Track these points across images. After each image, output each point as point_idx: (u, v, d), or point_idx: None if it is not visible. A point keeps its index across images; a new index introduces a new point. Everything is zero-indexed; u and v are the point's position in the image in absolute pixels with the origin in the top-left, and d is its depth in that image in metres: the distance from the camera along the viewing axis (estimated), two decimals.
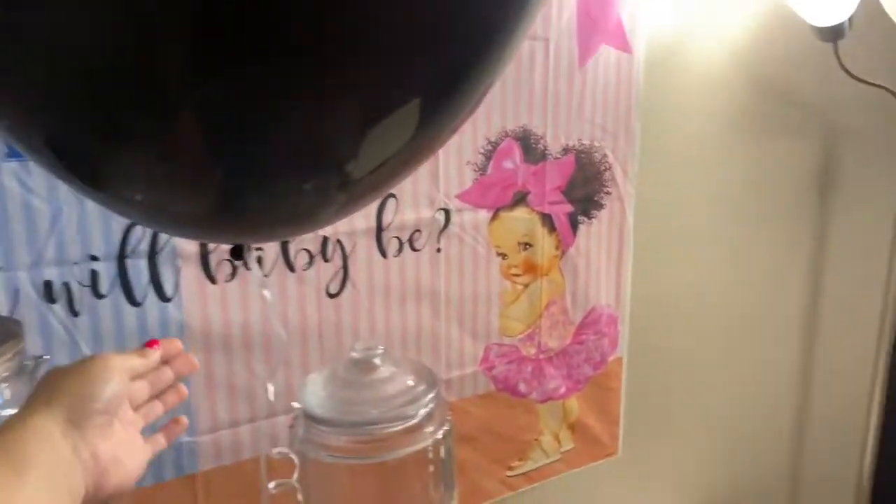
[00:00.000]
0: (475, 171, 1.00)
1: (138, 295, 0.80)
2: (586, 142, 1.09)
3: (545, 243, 1.09)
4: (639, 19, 1.09)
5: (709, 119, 1.23)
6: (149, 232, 0.79)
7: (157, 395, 0.60)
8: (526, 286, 1.09)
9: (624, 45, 1.09)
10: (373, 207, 0.93)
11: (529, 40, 1.00)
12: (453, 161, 0.98)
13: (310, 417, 0.75)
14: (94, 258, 0.77)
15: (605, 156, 1.12)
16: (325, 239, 0.90)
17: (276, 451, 0.69)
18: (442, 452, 0.79)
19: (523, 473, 1.17)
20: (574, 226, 1.12)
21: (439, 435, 0.77)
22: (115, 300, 0.79)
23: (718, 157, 1.26)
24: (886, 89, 1.27)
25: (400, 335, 0.99)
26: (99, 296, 0.78)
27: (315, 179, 0.51)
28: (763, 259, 1.40)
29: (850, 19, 1.13)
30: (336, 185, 0.53)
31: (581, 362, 1.19)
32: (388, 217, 0.94)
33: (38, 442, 0.46)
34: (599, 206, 1.14)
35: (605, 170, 1.13)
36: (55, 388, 0.50)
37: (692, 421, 1.38)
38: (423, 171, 0.96)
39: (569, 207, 1.10)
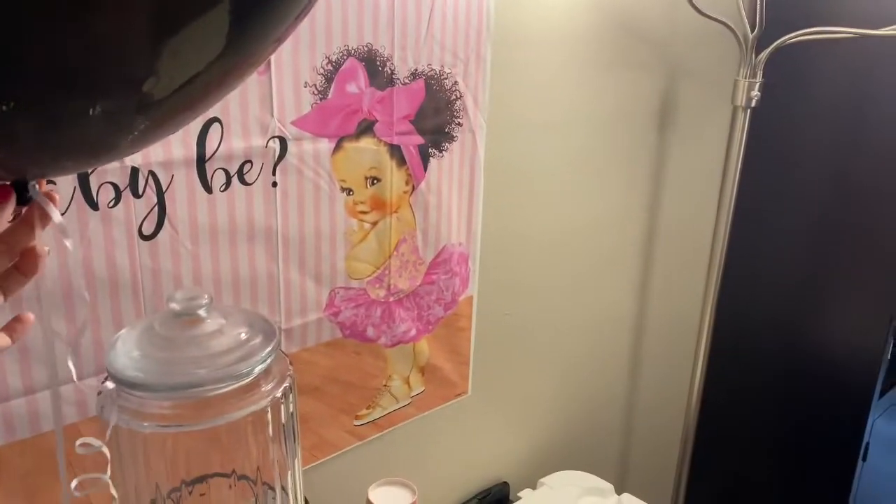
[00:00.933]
0: (314, 94, 0.89)
1: None
2: (436, 67, 1.01)
3: (394, 178, 1.01)
4: None
5: (558, 50, 1.19)
6: None
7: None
8: (374, 224, 1.01)
9: None
10: (192, 133, 0.79)
11: None
12: (288, 81, 0.86)
13: (121, 382, 0.63)
14: None
15: (455, 83, 1.04)
16: (135, 170, 0.76)
17: (79, 443, 0.57)
18: (282, 413, 0.70)
19: (372, 421, 1.11)
20: (425, 159, 1.04)
21: (278, 393, 0.68)
22: None
23: (566, 89, 1.23)
24: (726, 24, 1.29)
25: (231, 282, 0.88)
26: None
27: (104, 101, 0.39)
28: (608, 193, 1.40)
29: None
30: (132, 107, 0.42)
31: (432, 303, 1.13)
32: (211, 145, 0.81)
33: None
34: (451, 139, 1.07)
35: (457, 99, 1.05)
36: None
37: (538, 357, 1.38)
38: (252, 91, 0.83)
39: (419, 139, 1.02)
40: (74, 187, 0.72)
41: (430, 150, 1.04)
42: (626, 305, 1.57)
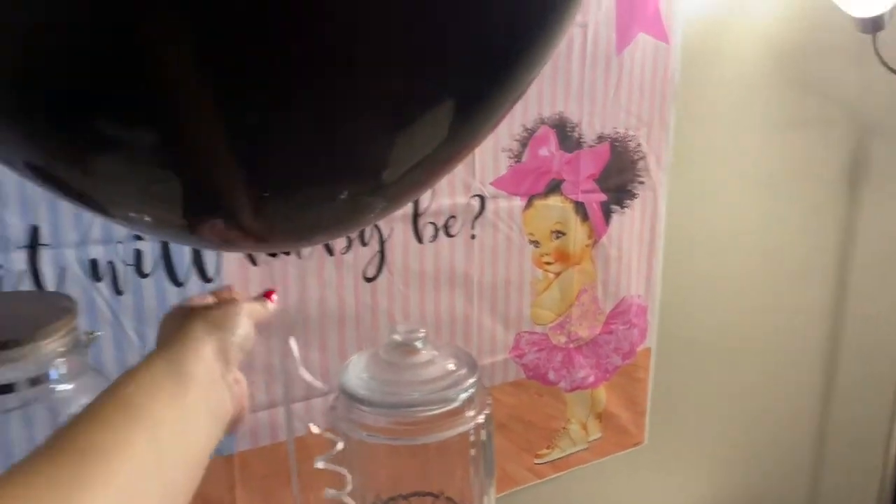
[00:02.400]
0: (510, 158, 1.00)
1: (181, 275, 0.80)
2: (621, 130, 1.09)
3: (578, 232, 1.09)
4: (676, 8, 1.09)
5: (743, 110, 1.23)
6: None
7: None
8: (557, 275, 1.09)
9: (661, 34, 1.09)
10: None
11: None
12: (489, 148, 0.98)
13: (351, 398, 0.75)
14: (138, 238, 0.77)
15: (639, 145, 1.12)
16: None
17: (312, 425, 0.70)
18: (483, 437, 0.79)
19: (550, 462, 1.17)
20: (607, 215, 1.12)
21: (480, 419, 0.77)
22: (158, 280, 0.79)
23: (751, 148, 1.26)
24: None
25: (433, 320, 0.99)
26: (142, 275, 0.78)
27: (349, 188, 0.49)
28: (792, 251, 1.39)
29: (891, 10, 1.12)
30: (370, 191, 0.51)
31: (610, 352, 1.19)
32: (424, 203, 0.94)
33: (196, 361, 0.49)
34: (632, 196, 1.13)
35: (639, 159, 1.12)
36: (197, 322, 0.53)
37: (718, 411, 1.38)
38: None
39: (602, 196, 1.10)
40: None
41: (612, 206, 1.12)
42: (815, 365, 1.52)
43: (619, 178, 1.11)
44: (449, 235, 0.98)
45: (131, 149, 0.41)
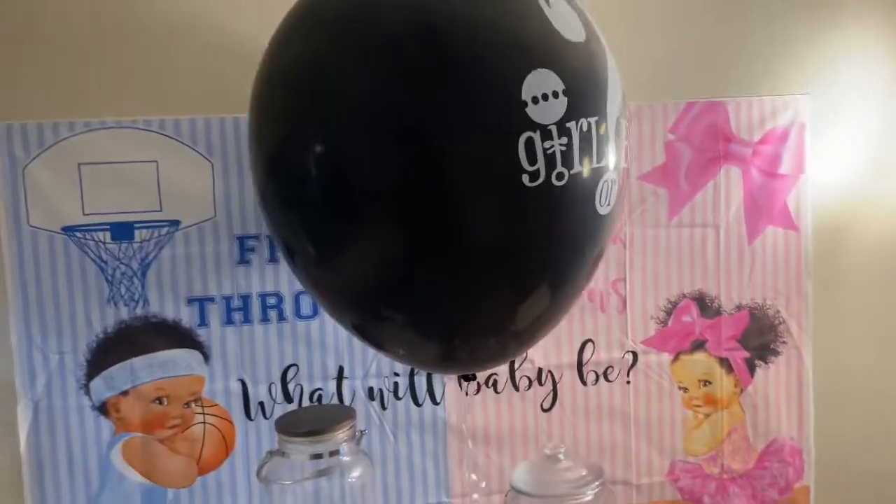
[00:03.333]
0: (657, 323, 1.34)
1: (420, 398, 1.28)
2: (759, 301, 1.36)
3: (724, 382, 1.36)
4: (805, 202, 1.36)
5: (882, 277, 1.40)
6: None
7: None
8: (707, 416, 1.37)
9: (790, 225, 1.36)
10: (574, 349, 1.31)
11: (701, 227, 1.33)
12: (639, 317, 1.33)
13: (517, 491, 1.13)
14: (395, 374, 1.27)
15: (777, 312, 1.37)
16: (540, 370, 1.31)
17: None
18: None
19: None
20: (751, 368, 1.37)
21: None
22: (406, 401, 1.27)
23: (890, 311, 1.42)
24: None
25: (597, 445, 1.33)
26: (398, 398, 1.27)
27: (497, 336, 0.93)
28: None
29: None
30: (510, 337, 0.95)
31: (766, 486, 1.39)
32: (587, 356, 1.32)
33: None
34: (776, 353, 1.37)
35: (780, 324, 1.37)
36: None
37: None
38: (614, 323, 1.32)
39: (745, 353, 1.36)
40: (507, 378, 1.30)
41: (756, 361, 1.37)
42: None
43: (760, 338, 1.37)
44: (608, 381, 1.33)
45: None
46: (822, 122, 1.36)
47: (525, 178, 0.78)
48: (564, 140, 0.79)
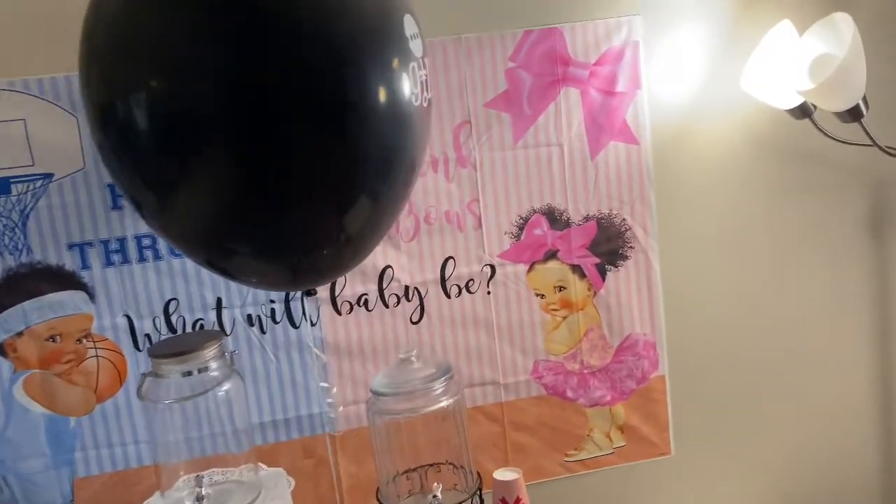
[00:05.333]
0: (512, 238, 1.46)
1: (297, 321, 1.41)
2: (605, 211, 1.49)
3: (577, 286, 1.50)
4: (643, 116, 1.47)
5: (722, 181, 1.53)
6: None
7: None
8: (564, 318, 1.51)
9: (630, 139, 1.48)
10: (437, 265, 1.44)
11: (545, 147, 1.45)
12: (494, 232, 1.45)
13: (376, 393, 1.27)
14: (272, 301, 1.39)
15: (623, 220, 1.50)
16: (407, 287, 1.44)
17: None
18: (455, 415, 1.26)
19: (580, 460, 1.55)
20: (602, 272, 1.51)
21: (449, 402, 1.24)
22: (284, 325, 1.40)
23: (736, 210, 1.55)
24: None
25: (464, 351, 1.47)
26: (275, 322, 1.40)
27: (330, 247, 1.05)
28: (808, 288, 1.61)
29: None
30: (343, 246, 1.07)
31: (623, 377, 1.54)
32: (449, 271, 1.45)
33: None
34: (624, 258, 1.51)
35: (626, 230, 1.50)
36: None
37: (745, 429, 1.62)
38: (471, 241, 1.45)
39: (595, 259, 1.50)
40: (377, 296, 1.43)
41: (606, 266, 1.50)
42: (862, 378, 1.67)
43: (608, 245, 1.50)
44: (470, 292, 1.46)
45: None
46: (655, 40, 1.47)
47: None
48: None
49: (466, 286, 1.46)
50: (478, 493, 1.27)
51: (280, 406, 1.42)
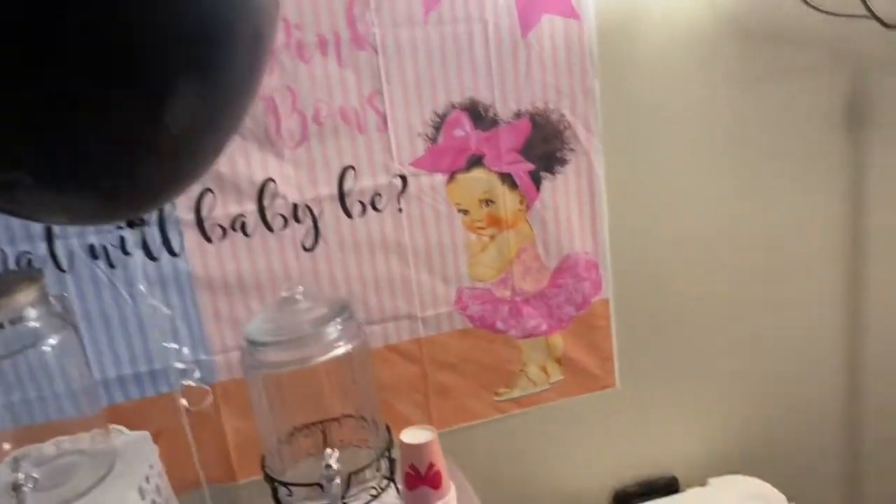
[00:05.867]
0: (426, 140, 1.18)
1: (155, 252, 1.11)
2: (540, 105, 1.21)
3: (507, 199, 1.24)
4: None
5: (679, 67, 1.27)
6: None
7: None
8: (493, 237, 1.25)
9: (569, 12, 1.18)
10: (334, 177, 1.15)
11: (465, 22, 1.15)
12: (403, 135, 1.17)
13: (251, 343, 1.00)
14: (119, 227, 1.09)
15: (562, 116, 1.23)
16: (295, 205, 1.15)
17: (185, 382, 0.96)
18: (356, 361, 1.01)
19: (513, 399, 1.34)
20: (537, 181, 1.25)
21: (347, 348, 0.99)
22: (139, 256, 1.11)
23: (695, 103, 1.29)
24: None
25: (373, 281, 1.21)
26: (126, 253, 1.10)
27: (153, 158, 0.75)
28: (775, 198, 1.39)
29: None
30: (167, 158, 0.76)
31: (561, 303, 1.32)
32: (348, 184, 1.16)
33: None
34: (563, 162, 1.25)
35: (565, 129, 1.23)
36: None
37: (706, 359, 1.43)
38: (376, 144, 1.16)
39: (528, 166, 1.23)
40: (257, 218, 1.14)
41: (541, 173, 1.24)
42: (823, 310, 1.49)
43: (545, 147, 1.23)
44: (377, 210, 1.19)
45: None
46: None
47: None
48: None
49: (372, 202, 1.18)
50: (387, 453, 1.04)
51: (143, 356, 1.14)
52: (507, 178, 1.23)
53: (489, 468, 1.35)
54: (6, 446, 0.99)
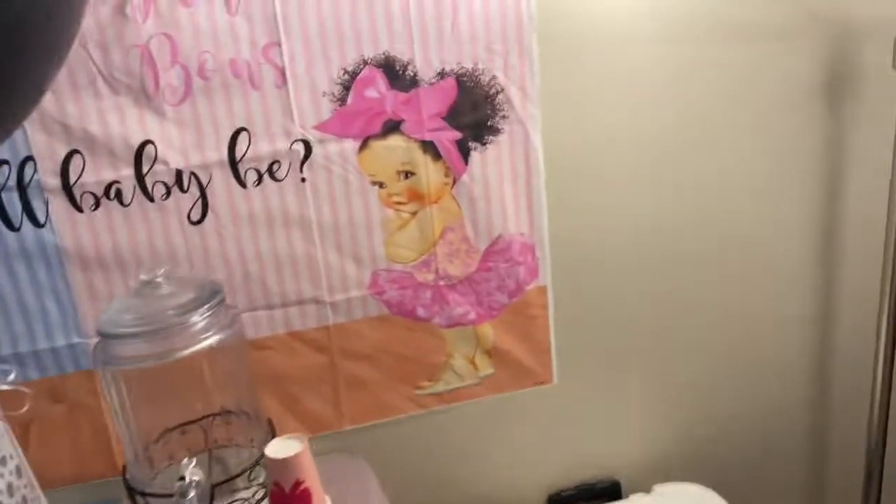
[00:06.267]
0: (333, 101, 1.03)
1: (15, 221, 0.97)
2: (468, 65, 1.06)
3: (430, 171, 1.09)
4: None
5: (632, 24, 1.11)
6: (14, 169, 0.95)
7: None
8: (413, 214, 1.11)
9: None
10: (223, 140, 1.00)
11: None
12: (305, 92, 1.01)
13: (103, 335, 0.87)
14: None
15: (494, 77, 1.07)
16: (179, 172, 1.00)
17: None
18: (231, 352, 0.88)
19: (435, 394, 1.21)
20: (465, 152, 1.10)
21: (217, 339, 0.86)
22: None
23: (649, 67, 1.13)
24: None
25: (272, 260, 1.07)
26: None
27: None
28: (739, 182, 1.24)
29: None
30: None
31: (492, 290, 1.18)
32: (241, 149, 1.01)
33: None
34: (495, 131, 1.10)
35: (497, 93, 1.08)
36: None
37: (642, 354, 1.30)
38: (273, 103, 1.01)
39: (455, 134, 1.08)
40: (134, 185, 0.99)
41: (470, 143, 1.09)
42: (784, 310, 1.35)
43: (474, 114, 1.08)
44: (275, 180, 1.04)
45: None
46: None
47: None
48: None
49: (270, 170, 1.04)
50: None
51: (7, 338, 1.01)
52: (430, 148, 1.08)
53: (407, 469, 1.22)
54: None
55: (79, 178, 0.97)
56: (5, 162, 0.95)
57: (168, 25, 0.95)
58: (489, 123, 1.09)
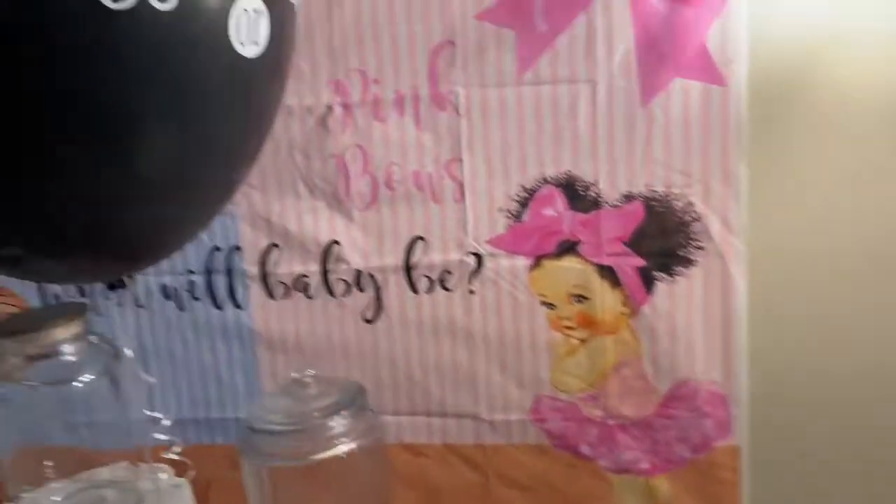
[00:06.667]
0: (508, 217, 1.00)
1: (219, 301, 1.10)
2: (659, 188, 0.96)
3: (606, 297, 1.00)
4: (736, 40, 0.91)
5: (858, 148, 0.92)
6: (223, 256, 1.08)
7: None
8: (583, 341, 1.02)
9: (712, 76, 0.92)
10: (401, 247, 1.03)
11: (570, 84, 0.95)
12: (482, 208, 1.00)
13: (250, 429, 0.92)
14: (190, 271, 1.09)
15: (690, 204, 0.96)
16: (359, 272, 1.05)
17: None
18: (366, 460, 0.88)
19: None
20: (648, 282, 0.99)
21: (351, 447, 0.86)
22: (206, 303, 1.10)
23: (880, 202, 0.92)
24: None
25: (435, 368, 1.06)
26: (195, 298, 1.10)
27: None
28: None
29: None
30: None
31: (671, 439, 1.03)
32: (416, 256, 1.03)
33: None
34: (687, 263, 0.98)
35: (692, 221, 0.96)
36: None
37: None
38: (450, 215, 1.01)
39: (638, 261, 0.98)
40: (319, 280, 1.06)
41: (655, 273, 0.99)
42: None
43: (662, 241, 0.97)
44: (446, 289, 1.04)
45: None
46: None
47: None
48: None
49: (441, 280, 1.04)
50: None
51: (202, 402, 1.14)
52: (609, 273, 1.00)
53: None
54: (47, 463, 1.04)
55: (275, 269, 1.07)
56: (219, 249, 1.08)
57: (362, 138, 1.01)
58: (680, 253, 0.98)
